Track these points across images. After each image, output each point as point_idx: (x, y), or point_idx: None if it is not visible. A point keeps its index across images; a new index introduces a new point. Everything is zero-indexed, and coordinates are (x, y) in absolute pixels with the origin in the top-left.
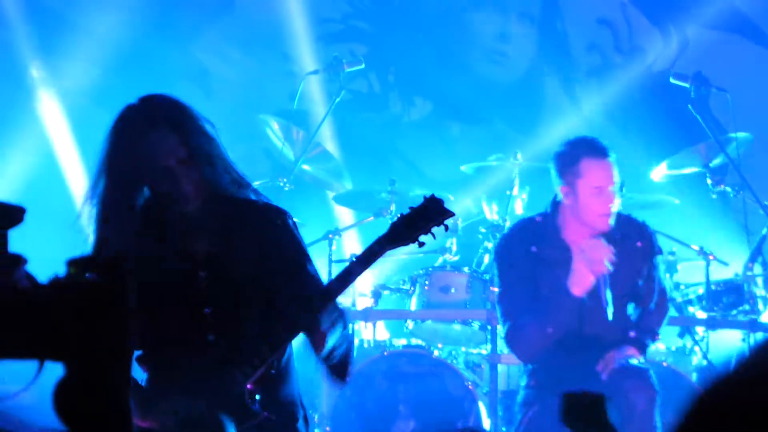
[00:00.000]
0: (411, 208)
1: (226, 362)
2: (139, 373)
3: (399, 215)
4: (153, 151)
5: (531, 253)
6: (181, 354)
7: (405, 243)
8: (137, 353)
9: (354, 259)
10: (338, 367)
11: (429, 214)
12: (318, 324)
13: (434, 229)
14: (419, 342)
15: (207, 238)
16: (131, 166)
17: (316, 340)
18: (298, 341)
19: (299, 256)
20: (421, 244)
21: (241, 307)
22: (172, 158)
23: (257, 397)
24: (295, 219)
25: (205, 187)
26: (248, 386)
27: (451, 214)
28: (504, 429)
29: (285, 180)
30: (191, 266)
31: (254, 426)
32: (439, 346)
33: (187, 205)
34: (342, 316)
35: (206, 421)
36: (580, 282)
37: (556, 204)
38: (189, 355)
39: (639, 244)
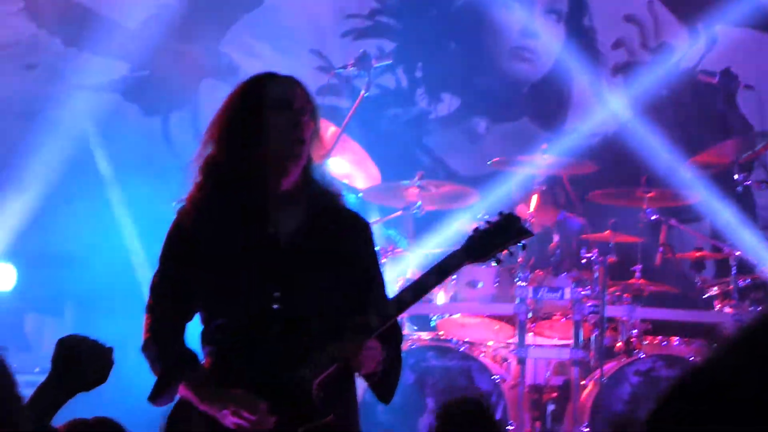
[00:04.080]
0: (488, 222)
1: (294, 357)
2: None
3: (475, 229)
4: (287, 123)
5: None
6: (247, 338)
7: (481, 260)
8: (207, 333)
9: (428, 271)
10: (388, 385)
11: (507, 233)
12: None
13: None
14: (446, 336)
15: (294, 225)
16: (250, 132)
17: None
18: None
19: (375, 269)
20: (499, 262)
21: (312, 301)
22: (300, 138)
23: (322, 397)
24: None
25: (305, 179)
26: (314, 385)
27: (530, 234)
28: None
29: None
30: (271, 246)
31: (317, 427)
32: (467, 339)
33: (281, 187)
34: (401, 335)
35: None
36: None
37: None
38: (255, 341)
39: None
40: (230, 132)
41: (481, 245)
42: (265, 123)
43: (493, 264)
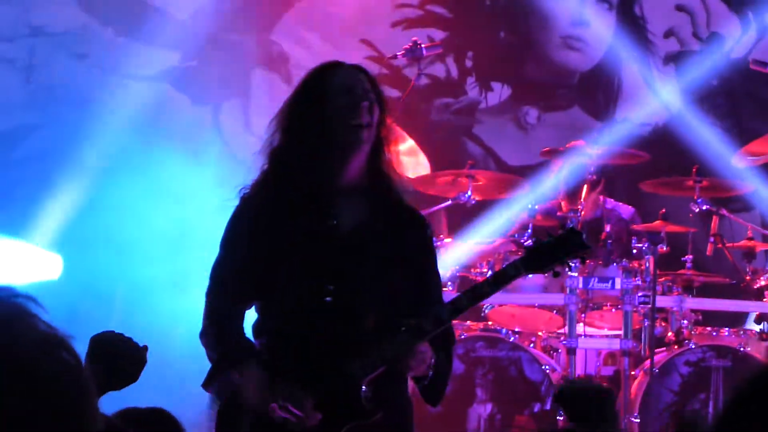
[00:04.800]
0: (550, 235)
1: (344, 353)
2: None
3: (535, 241)
4: (346, 107)
5: None
6: (298, 330)
7: (540, 271)
8: (258, 323)
9: (485, 280)
10: (436, 389)
11: (567, 247)
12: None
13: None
14: (496, 326)
15: (354, 218)
16: (313, 119)
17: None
18: None
19: (432, 269)
20: (557, 275)
21: (365, 296)
22: (359, 123)
23: (372, 395)
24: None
25: (370, 170)
26: (364, 384)
27: (589, 248)
28: None
29: None
30: (329, 238)
31: (364, 426)
32: (517, 329)
33: (344, 176)
34: (453, 339)
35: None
36: None
37: None
38: (305, 334)
39: None
40: (294, 119)
41: (540, 258)
42: (326, 109)
43: (553, 276)
